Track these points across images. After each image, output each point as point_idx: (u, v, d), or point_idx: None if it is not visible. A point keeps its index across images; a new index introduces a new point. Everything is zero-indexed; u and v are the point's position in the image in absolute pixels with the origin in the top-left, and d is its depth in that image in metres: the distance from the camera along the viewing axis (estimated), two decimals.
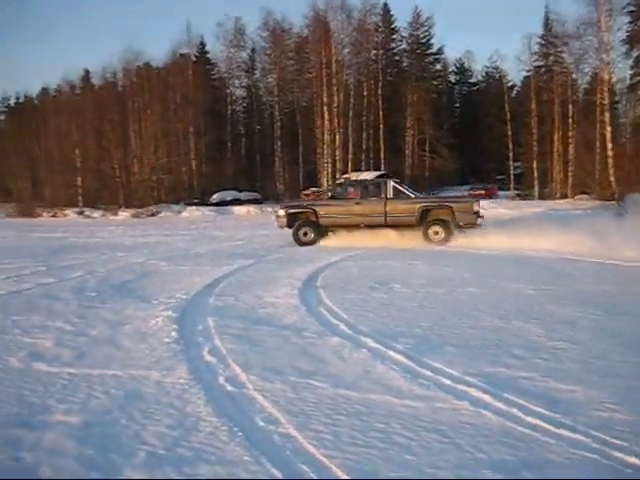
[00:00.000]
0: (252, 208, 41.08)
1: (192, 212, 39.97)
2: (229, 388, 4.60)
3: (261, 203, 44.66)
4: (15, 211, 46.16)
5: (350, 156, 45.77)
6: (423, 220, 15.85)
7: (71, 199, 47.34)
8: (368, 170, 46.76)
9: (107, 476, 3.31)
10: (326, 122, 45.83)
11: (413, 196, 16.53)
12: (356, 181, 17.40)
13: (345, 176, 44.07)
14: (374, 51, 52.66)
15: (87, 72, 63.38)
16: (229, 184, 46.20)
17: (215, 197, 43.89)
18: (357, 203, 16.35)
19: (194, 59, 55.06)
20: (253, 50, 56.40)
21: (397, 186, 16.67)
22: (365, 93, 49.26)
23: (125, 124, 48.24)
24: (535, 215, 23.38)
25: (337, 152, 45.53)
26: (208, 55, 58.71)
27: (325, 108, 45.95)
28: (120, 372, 5.06)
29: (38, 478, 3.33)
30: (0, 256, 15.02)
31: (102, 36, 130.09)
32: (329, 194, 16.98)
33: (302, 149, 49.70)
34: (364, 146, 48.44)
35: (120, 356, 5.54)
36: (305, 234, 16.44)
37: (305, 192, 45.00)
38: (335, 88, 45.73)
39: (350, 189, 16.84)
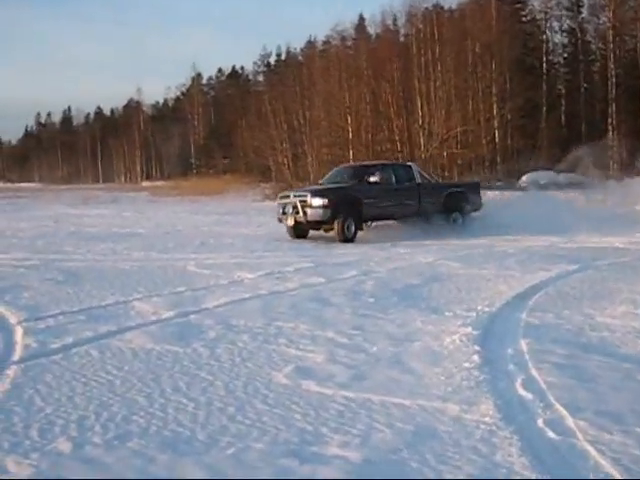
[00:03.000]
0: (573, 194, 39.99)
1: (494, 197, 39.84)
2: (551, 435, 4.56)
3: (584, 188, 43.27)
4: (274, 192, 49.36)
5: None
6: (446, 208, 19.36)
7: None
8: None
9: None
10: None
11: (433, 180, 20.56)
12: (380, 164, 20.55)
13: None
14: None
15: (362, 19, 66.02)
16: (543, 162, 45.38)
17: (524, 179, 43.23)
18: (396, 189, 18.30)
19: None
20: None
21: (420, 170, 20.18)
22: None
23: (409, 84, 49.31)
24: None
25: None
26: None
27: None
28: (407, 401, 5.23)
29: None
30: (256, 248, 16.25)
31: None
32: (371, 178, 18.00)
33: None
34: None
35: (408, 381, 5.73)
36: (348, 228, 17.52)
37: None
38: None
39: (378, 173, 18.28)
